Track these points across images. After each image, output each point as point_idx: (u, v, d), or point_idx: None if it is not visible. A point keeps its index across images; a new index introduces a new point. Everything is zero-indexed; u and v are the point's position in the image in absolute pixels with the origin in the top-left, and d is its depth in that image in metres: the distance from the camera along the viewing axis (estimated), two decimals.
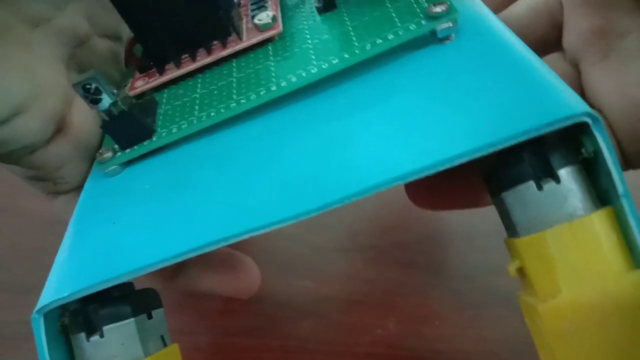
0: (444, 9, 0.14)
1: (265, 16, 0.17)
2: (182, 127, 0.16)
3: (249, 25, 0.17)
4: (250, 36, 0.17)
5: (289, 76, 0.15)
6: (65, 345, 0.14)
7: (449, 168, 0.11)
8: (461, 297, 0.22)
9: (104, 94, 0.14)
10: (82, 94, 0.14)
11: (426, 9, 0.14)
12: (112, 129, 0.16)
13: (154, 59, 0.17)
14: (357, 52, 0.15)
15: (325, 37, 0.16)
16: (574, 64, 0.15)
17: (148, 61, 0.18)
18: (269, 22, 0.16)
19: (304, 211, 0.12)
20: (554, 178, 0.11)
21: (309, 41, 0.16)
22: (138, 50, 0.19)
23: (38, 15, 0.16)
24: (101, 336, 0.13)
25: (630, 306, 0.11)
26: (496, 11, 0.17)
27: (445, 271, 0.24)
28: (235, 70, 0.17)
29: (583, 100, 0.11)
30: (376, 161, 0.12)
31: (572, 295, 0.11)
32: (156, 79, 0.17)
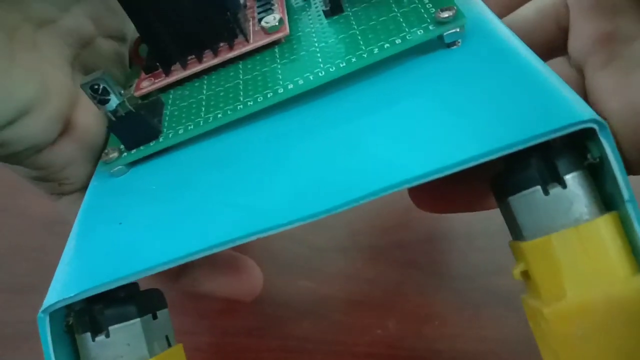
0: (451, 14, 0.14)
1: (272, 19, 0.17)
2: (189, 128, 0.16)
3: (255, 28, 0.18)
4: (257, 38, 0.17)
5: (296, 79, 0.15)
6: (70, 345, 0.14)
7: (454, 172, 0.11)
8: (461, 297, 0.22)
9: (111, 94, 0.14)
10: (89, 94, 0.14)
11: (434, 14, 0.15)
12: (118, 129, 0.16)
13: (160, 59, 0.17)
14: (364, 56, 0.15)
15: (332, 40, 0.16)
16: (578, 68, 0.15)
17: (154, 62, 0.18)
18: (275, 25, 0.17)
19: (312, 213, 0.12)
20: (561, 183, 0.11)
21: (316, 44, 0.16)
22: (143, 51, 0.19)
23: (43, 16, 0.16)
24: (107, 336, 0.13)
25: (635, 310, 0.11)
26: (502, 15, 0.17)
27: (445, 271, 0.24)
28: (241, 72, 0.17)
29: (588, 106, 0.12)
30: (384, 164, 0.12)
31: (577, 298, 0.11)
32: (162, 80, 0.17)
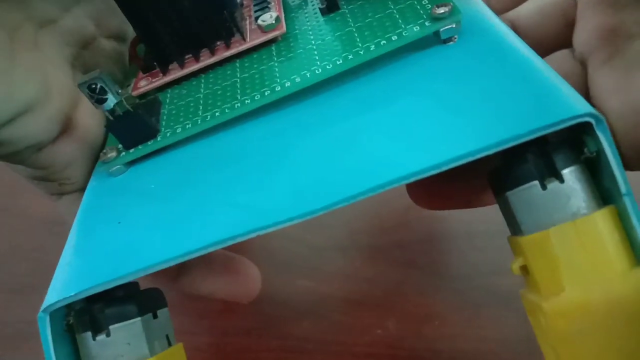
0: (447, 10, 0.14)
1: (268, 17, 0.17)
2: (187, 127, 0.16)
3: (252, 26, 0.18)
4: (253, 37, 0.17)
5: (293, 77, 0.15)
6: (70, 345, 0.14)
7: (451, 168, 0.11)
8: (461, 297, 0.22)
9: (109, 93, 0.14)
10: (87, 93, 0.14)
11: (429, 10, 0.15)
12: (116, 128, 0.16)
13: (157, 59, 0.17)
14: (360, 53, 0.15)
15: (329, 38, 0.16)
16: (582, 62, 0.15)
17: (151, 61, 0.18)
18: (272, 23, 0.17)
19: (310, 210, 0.12)
20: (558, 178, 0.11)
21: (313, 42, 0.16)
22: (141, 50, 0.19)
23: (45, 16, 0.16)
24: (107, 335, 0.13)
25: (633, 303, 0.11)
26: (504, 10, 0.17)
27: (445, 271, 0.24)
28: (239, 70, 0.17)
29: (586, 100, 0.12)
30: (381, 161, 0.12)
31: (576, 292, 0.11)
32: (160, 79, 0.17)
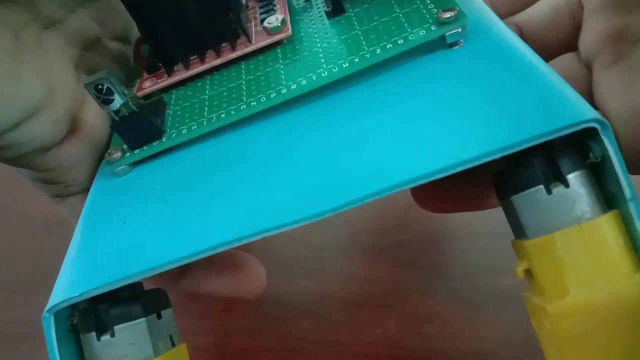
0: (453, 14, 0.14)
1: (274, 19, 0.17)
2: (192, 128, 0.16)
3: (257, 28, 0.18)
4: (259, 39, 0.17)
5: (299, 79, 0.15)
6: (74, 344, 0.14)
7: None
8: (461, 297, 0.22)
9: (115, 94, 0.15)
10: (93, 94, 0.14)
11: (435, 14, 0.15)
12: (122, 129, 0.16)
13: (162, 60, 0.17)
14: (367, 56, 0.15)
15: (335, 41, 0.16)
16: (587, 65, 0.15)
17: (156, 62, 0.18)
18: (278, 26, 0.17)
19: (316, 213, 0.12)
20: (563, 182, 0.12)
21: (318, 45, 0.16)
22: (144, 50, 0.19)
23: (50, 17, 0.16)
24: (112, 336, 0.13)
25: (636, 305, 0.11)
26: (509, 14, 0.17)
27: (445, 271, 0.24)
28: (244, 72, 0.17)
29: (591, 105, 0.12)
30: (387, 164, 0.12)
31: (580, 296, 0.11)
32: (165, 80, 0.17)
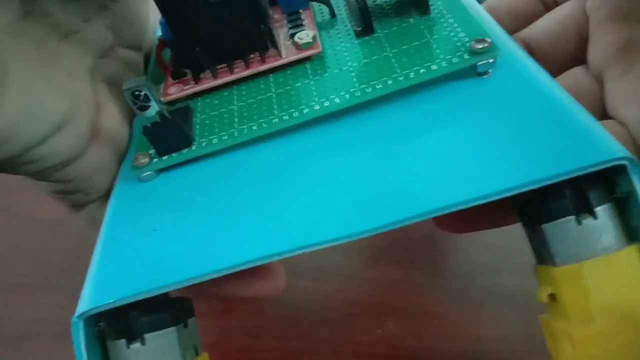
0: (486, 45, 0.15)
1: (305, 35, 0.17)
2: (223, 138, 0.16)
3: (286, 42, 0.18)
4: (289, 53, 0.17)
5: (332, 97, 0.16)
6: (99, 350, 0.14)
7: None
8: (461, 297, 0.23)
9: (152, 101, 0.15)
10: (131, 99, 0.14)
11: (467, 43, 0.15)
12: (153, 134, 0.16)
13: (191, 66, 0.17)
14: (400, 79, 0.15)
15: (366, 61, 0.16)
16: (597, 78, 0.15)
17: (181, 68, 0.18)
18: (309, 42, 0.17)
19: (357, 232, 0.12)
20: (592, 214, 0.12)
21: (349, 63, 0.17)
22: (166, 55, 0.19)
23: (68, 27, 0.16)
24: (142, 343, 0.13)
25: None
26: (518, 28, 0.17)
27: (445, 271, 0.24)
28: (272, 85, 0.17)
29: (603, 115, 0.12)
30: (426, 188, 0.13)
31: (605, 323, 0.12)
32: (191, 87, 0.18)
